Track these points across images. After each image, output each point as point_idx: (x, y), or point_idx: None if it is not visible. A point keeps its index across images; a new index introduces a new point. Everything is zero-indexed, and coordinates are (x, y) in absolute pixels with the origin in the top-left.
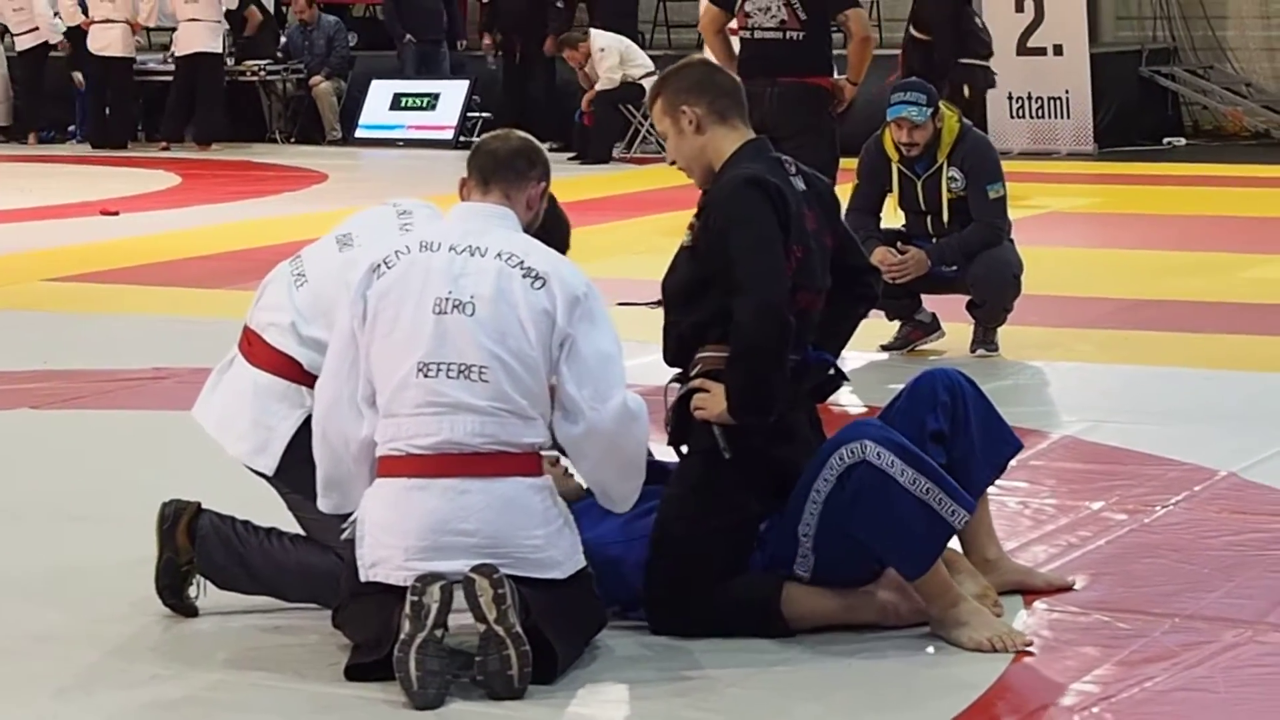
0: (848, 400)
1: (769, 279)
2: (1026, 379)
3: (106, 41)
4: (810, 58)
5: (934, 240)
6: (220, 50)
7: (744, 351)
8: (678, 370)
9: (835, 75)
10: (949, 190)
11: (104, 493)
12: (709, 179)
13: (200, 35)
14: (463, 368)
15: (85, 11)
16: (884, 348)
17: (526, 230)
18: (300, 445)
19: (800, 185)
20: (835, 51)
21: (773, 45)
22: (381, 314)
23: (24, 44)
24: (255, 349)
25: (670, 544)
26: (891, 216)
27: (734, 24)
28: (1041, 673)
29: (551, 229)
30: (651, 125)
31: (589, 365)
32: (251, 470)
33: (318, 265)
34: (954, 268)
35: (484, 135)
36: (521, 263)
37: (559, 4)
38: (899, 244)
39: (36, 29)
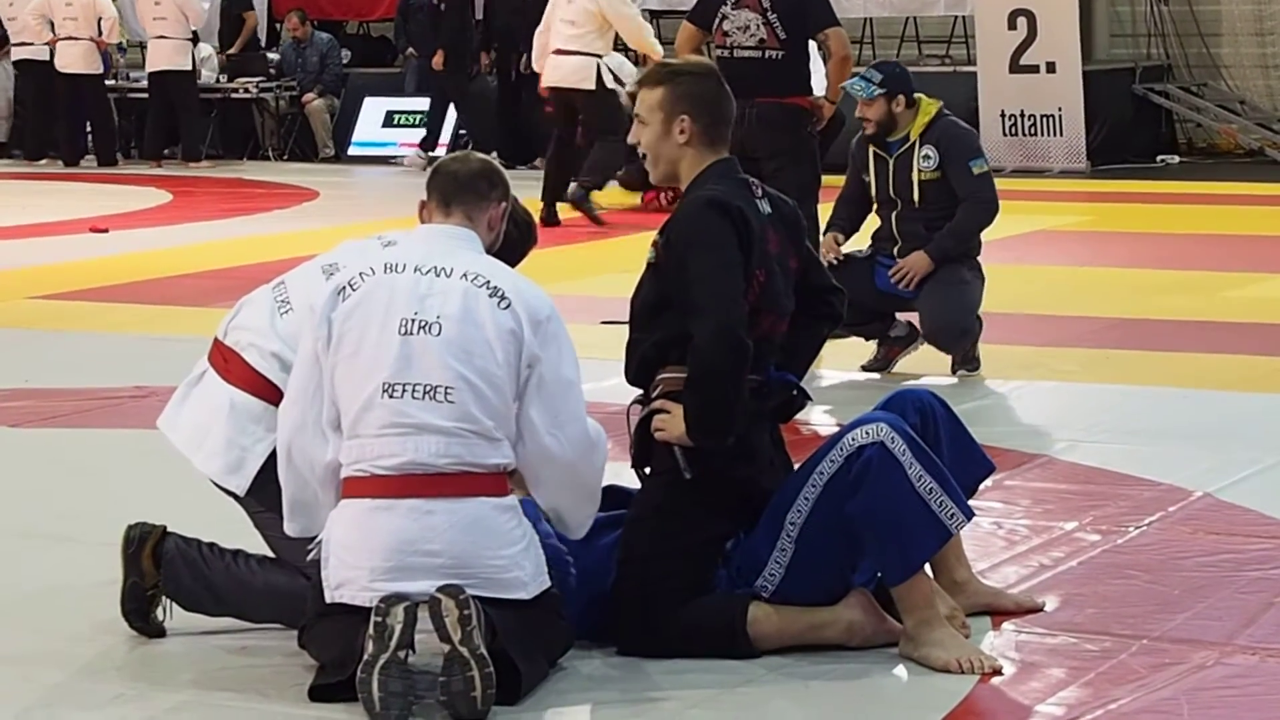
0: (821, 420)
1: (727, 302)
2: (1006, 398)
3: (71, 59)
4: (788, 77)
5: (896, 241)
6: (190, 67)
7: (701, 374)
8: (640, 391)
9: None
10: (920, 170)
11: (75, 512)
12: (669, 180)
13: (166, 52)
14: (428, 388)
15: (53, 30)
16: (864, 368)
17: (488, 250)
18: (273, 465)
19: (766, 208)
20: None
21: (752, 64)
22: (346, 336)
23: (18, 55)
24: (232, 366)
25: (635, 564)
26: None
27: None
28: (1007, 694)
29: (521, 234)
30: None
31: (550, 391)
32: (219, 488)
33: (302, 293)
34: (911, 290)
35: (444, 157)
36: (488, 283)
37: None
38: (896, 251)
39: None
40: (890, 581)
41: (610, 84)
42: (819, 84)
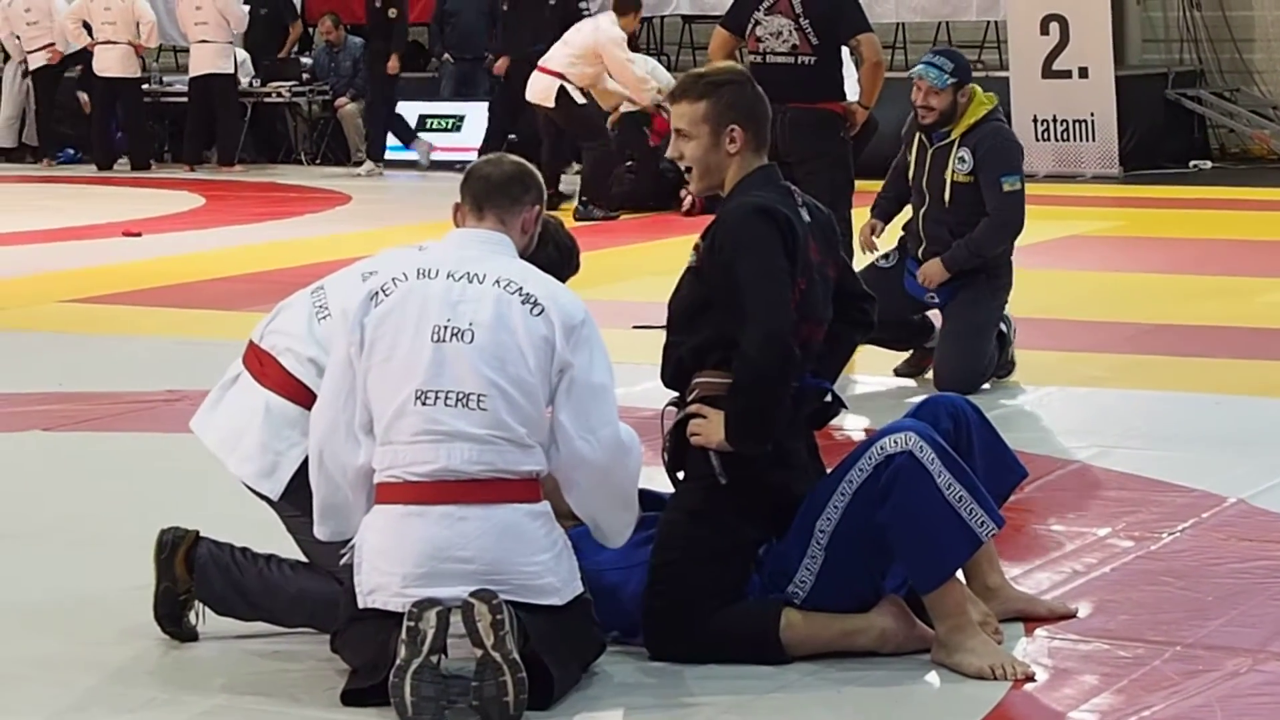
0: (854, 425)
1: (776, 309)
2: (1039, 403)
3: (108, 63)
4: (822, 83)
5: (921, 241)
6: (232, 70)
7: (749, 381)
8: (674, 394)
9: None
10: (954, 171)
11: (109, 516)
12: (711, 189)
13: (209, 56)
14: (461, 396)
15: (90, 33)
16: (896, 372)
17: (522, 254)
18: (306, 470)
19: (806, 217)
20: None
21: (784, 70)
22: (379, 341)
23: (36, 62)
24: (269, 370)
25: (668, 569)
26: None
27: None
28: (1040, 700)
29: (563, 256)
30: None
31: (582, 395)
32: (252, 491)
33: (341, 299)
34: (933, 299)
35: (477, 160)
36: (520, 289)
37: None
38: (920, 252)
39: (50, 45)
40: (922, 590)
41: (580, 100)
42: (852, 90)
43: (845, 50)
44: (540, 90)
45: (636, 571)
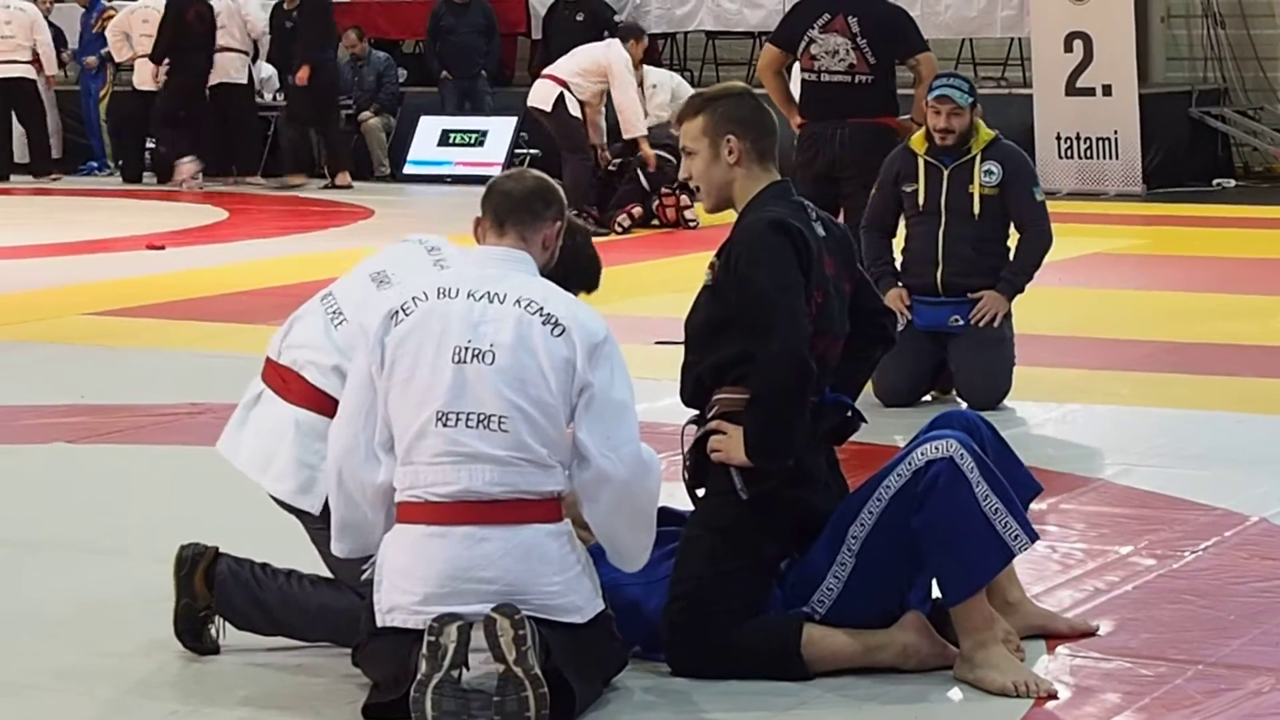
0: (873, 441)
1: (791, 323)
2: (1060, 421)
3: (146, 76)
4: (878, 99)
5: (938, 265)
6: (246, 80)
7: (765, 395)
8: (695, 412)
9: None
10: (982, 185)
11: (131, 528)
12: (722, 207)
13: (223, 66)
14: (482, 417)
15: (131, 45)
16: None
17: (543, 270)
18: None
19: (821, 231)
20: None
21: (840, 88)
22: (399, 361)
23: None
24: (292, 386)
25: (689, 585)
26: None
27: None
28: (1061, 718)
29: (582, 268)
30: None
31: (603, 412)
32: (280, 504)
33: (353, 303)
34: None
35: (498, 175)
36: (541, 309)
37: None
38: (969, 294)
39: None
40: (950, 601)
41: (574, 112)
42: None
43: None
44: (540, 95)
45: (658, 587)
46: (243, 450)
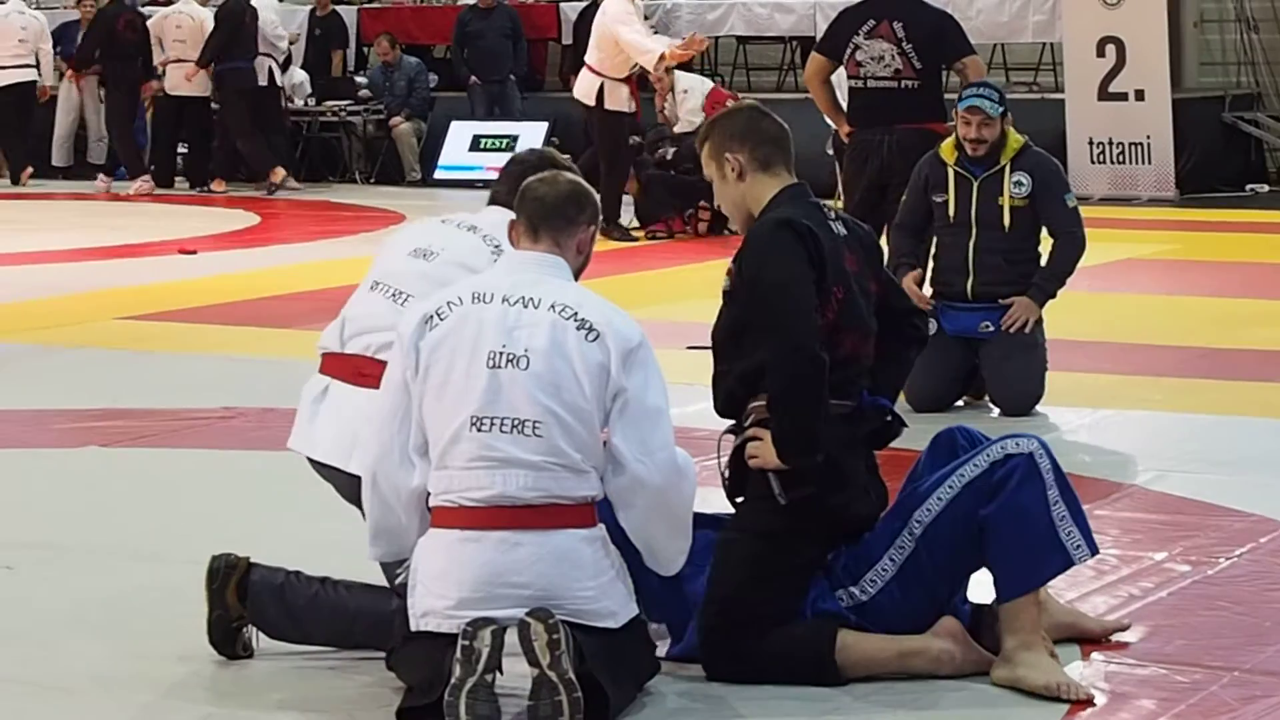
0: (911, 446)
1: (797, 317)
2: (1095, 427)
3: (179, 81)
4: (925, 105)
5: (969, 275)
6: (265, 83)
7: (781, 392)
8: (732, 421)
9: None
10: (1011, 196)
11: (165, 532)
12: (748, 223)
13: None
14: (516, 422)
15: (163, 50)
16: None
17: (577, 275)
18: None
19: (840, 229)
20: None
21: (886, 94)
22: (434, 366)
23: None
24: (368, 370)
25: (725, 589)
26: None
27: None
28: None
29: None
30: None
31: (637, 418)
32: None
33: (413, 281)
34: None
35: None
36: (575, 314)
37: None
38: (1000, 300)
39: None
40: (1003, 597)
41: (610, 105)
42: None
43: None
44: (582, 88)
45: (701, 569)
46: (320, 442)
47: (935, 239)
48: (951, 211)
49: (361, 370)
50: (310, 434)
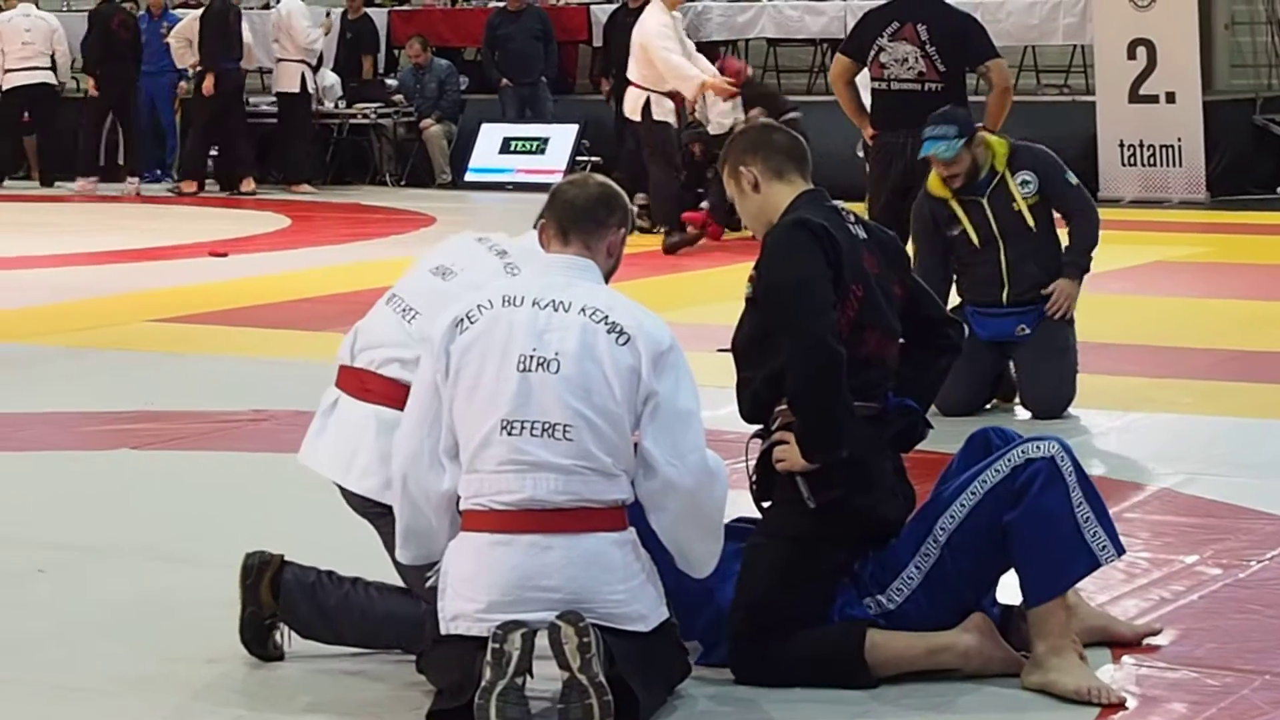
0: (936, 447)
1: (811, 314)
2: (1123, 430)
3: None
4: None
5: (1004, 286)
6: (298, 89)
7: (799, 388)
8: (759, 426)
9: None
10: (1025, 197)
11: (197, 534)
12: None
13: (281, 76)
14: (546, 426)
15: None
16: None
17: (607, 277)
18: None
19: (860, 232)
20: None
21: (910, 97)
22: (464, 369)
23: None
24: (371, 386)
25: (754, 593)
26: None
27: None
28: None
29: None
30: None
31: (669, 421)
32: (360, 508)
33: (423, 297)
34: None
35: (561, 181)
36: (606, 318)
37: None
38: (1042, 291)
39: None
40: (1031, 602)
41: (658, 116)
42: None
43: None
44: (629, 103)
45: (731, 579)
46: (323, 455)
47: (961, 265)
48: (974, 238)
49: (366, 385)
50: (315, 447)
